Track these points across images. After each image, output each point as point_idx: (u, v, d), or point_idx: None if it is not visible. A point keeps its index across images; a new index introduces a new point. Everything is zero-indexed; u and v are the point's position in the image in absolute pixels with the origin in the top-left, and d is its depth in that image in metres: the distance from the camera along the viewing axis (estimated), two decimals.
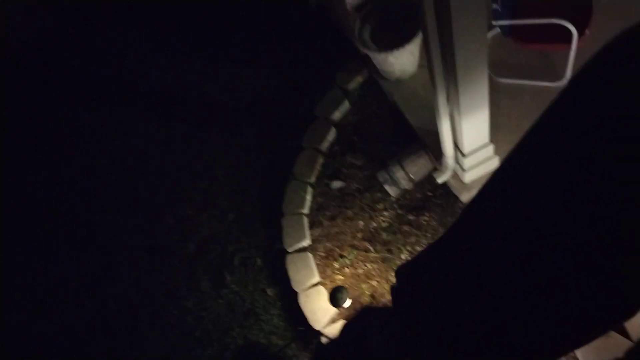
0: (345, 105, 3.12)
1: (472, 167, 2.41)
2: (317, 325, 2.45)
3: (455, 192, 2.55)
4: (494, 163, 2.46)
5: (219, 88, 3.62)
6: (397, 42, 2.70)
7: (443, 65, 1.99)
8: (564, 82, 2.50)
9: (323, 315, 2.47)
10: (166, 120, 3.65)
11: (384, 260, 2.54)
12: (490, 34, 2.67)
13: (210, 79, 3.71)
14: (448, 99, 2.14)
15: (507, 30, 2.48)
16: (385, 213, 2.66)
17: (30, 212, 3.65)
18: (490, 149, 2.38)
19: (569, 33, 2.22)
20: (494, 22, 2.40)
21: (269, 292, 2.71)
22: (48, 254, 3.41)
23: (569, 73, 2.46)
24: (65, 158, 3.80)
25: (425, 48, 1.98)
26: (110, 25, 4.38)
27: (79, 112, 3.96)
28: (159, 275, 2.98)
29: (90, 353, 2.90)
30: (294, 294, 2.58)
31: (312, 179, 2.95)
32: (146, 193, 3.36)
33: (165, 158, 3.45)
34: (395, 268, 2.47)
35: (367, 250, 2.61)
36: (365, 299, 2.48)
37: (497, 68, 2.62)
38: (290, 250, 2.73)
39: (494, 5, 2.31)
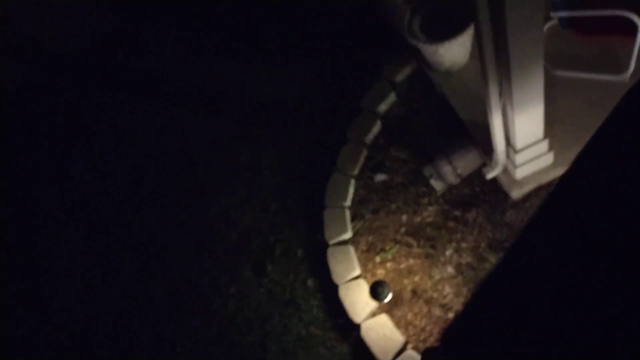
0: (392, 98, 3.07)
1: (525, 163, 2.32)
2: (357, 319, 2.44)
3: (506, 188, 2.46)
4: (549, 159, 2.36)
5: (267, 82, 3.65)
6: (447, 33, 2.63)
7: (496, 57, 1.92)
8: (627, 75, 2.36)
9: (363, 308, 2.45)
10: (213, 117, 3.71)
11: (427, 256, 2.49)
12: (547, 25, 2.55)
13: (257, 73, 3.74)
14: (500, 93, 2.07)
15: (565, 22, 2.36)
16: (430, 208, 2.60)
17: (83, 207, 3.76)
18: (545, 144, 2.28)
19: (632, 25, 2.08)
20: (552, 14, 2.30)
21: (309, 283, 2.72)
22: (102, 244, 3.54)
23: (632, 66, 2.32)
24: (117, 153, 3.91)
25: (477, 39, 1.92)
26: (156, 26, 4.49)
27: (131, 110, 4.08)
28: (203, 263, 3.05)
29: (139, 338, 3.00)
30: (334, 286, 2.58)
31: (355, 172, 2.93)
32: (193, 185, 3.44)
33: (212, 152, 3.52)
34: (438, 264, 2.43)
35: (409, 245, 2.56)
36: (407, 295, 2.44)
37: (554, 60, 2.50)
38: (331, 242, 2.73)
39: None
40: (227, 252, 3.06)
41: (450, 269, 2.42)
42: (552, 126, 2.35)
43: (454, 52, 2.68)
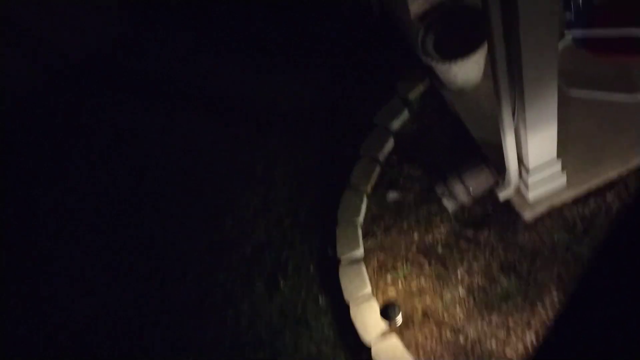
0: (405, 115, 3.07)
1: (537, 184, 2.30)
2: (368, 339, 2.43)
3: (518, 209, 2.43)
4: (562, 180, 2.33)
5: (280, 93, 3.68)
6: (461, 51, 2.63)
7: (509, 77, 1.92)
8: None
9: (374, 329, 2.44)
10: (228, 125, 3.75)
11: (438, 276, 2.48)
12: (561, 45, 2.52)
13: (271, 84, 3.79)
14: (513, 112, 2.06)
15: (580, 41, 2.34)
16: (442, 227, 2.59)
17: (97, 214, 3.79)
18: (558, 165, 2.25)
19: None
20: (566, 32, 2.28)
21: (321, 300, 2.73)
22: (113, 252, 3.59)
23: None
24: (129, 159, 3.95)
25: (491, 58, 1.92)
26: (170, 32, 4.56)
27: (143, 116, 4.13)
28: (217, 276, 3.09)
29: (153, 348, 3.04)
30: (346, 305, 2.58)
31: (368, 189, 2.93)
32: (208, 195, 3.48)
33: (227, 161, 3.56)
34: (449, 284, 2.41)
35: (421, 265, 2.55)
36: (418, 316, 2.42)
37: (568, 79, 2.47)
38: (343, 259, 2.73)
39: (567, 15, 2.19)
40: (241, 265, 3.08)
41: (461, 290, 2.40)
42: (566, 146, 2.33)
43: (467, 70, 2.68)
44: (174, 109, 4.04)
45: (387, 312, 2.38)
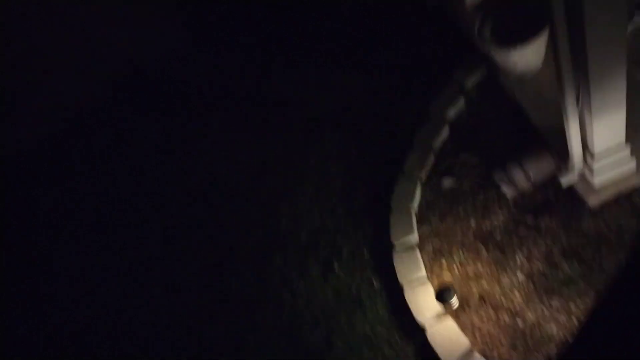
0: (461, 103, 3.07)
1: (603, 170, 2.24)
2: (422, 320, 2.46)
3: (582, 195, 2.38)
4: (631, 165, 2.26)
5: (333, 89, 3.73)
6: (520, 38, 2.60)
7: (573, 62, 1.89)
8: None
9: (428, 311, 2.47)
10: (282, 125, 3.81)
11: (496, 261, 2.47)
12: (630, 26, 2.44)
13: (320, 80, 3.82)
14: (577, 98, 2.02)
15: None
16: (500, 213, 2.58)
17: (159, 213, 3.82)
18: (626, 150, 2.20)
19: None
20: (636, 12, 2.22)
21: (375, 283, 2.78)
22: (178, 247, 3.64)
23: None
24: (188, 160, 4.01)
25: (552, 44, 1.90)
26: (226, 45, 4.52)
27: (199, 125, 4.12)
28: (274, 260, 3.19)
29: (217, 331, 3.12)
30: (400, 288, 2.62)
31: (423, 176, 2.95)
32: (263, 185, 3.58)
33: (281, 156, 3.63)
34: (508, 270, 2.40)
35: (478, 250, 2.55)
36: (474, 300, 2.43)
37: (638, 62, 2.38)
38: (397, 244, 2.77)
39: None
40: (297, 250, 3.18)
41: (520, 276, 2.38)
42: (637, 130, 2.26)
43: (527, 57, 2.65)
44: (228, 117, 4.07)
45: (442, 295, 2.40)
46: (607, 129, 2.11)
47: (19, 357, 3.43)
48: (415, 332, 2.49)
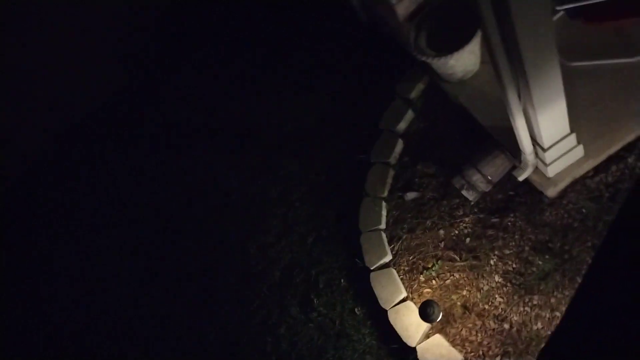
0: (410, 115, 3.08)
1: (555, 160, 2.28)
2: (411, 342, 2.40)
3: (540, 187, 2.41)
4: (579, 152, 2.31)
5: (283, 116, 3.72)
6: (455, 44, 2.64)
7: (509, 60, 1.91)
8: None
9: (416, 331, 2.42)
10: (237, 154, 3.79)
11: (471, 268, 2.45)
12: (554, 18, 2.53)
13: (272, 108, 3.83)
14: (519, 95, 2.05)
15: (573, 12, 2.35)
16: (466, 219, 2.57)
17: (120, 255, 3.84)
18: (573, 138, 2.24)
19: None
20: (557, 7, 2.29)
21: (358, 311, 2.71)
22: (146, 296, 3.61)
23: None
24: (149, 196, 4.01)
25: (487, 45, 1.92)
26: (170, 70, 4.65)
27: (149, 158, 4.20)
28: (251, 304, 3.08)
29: None
30: (383, 312, 2.56)
31: (385, 193, 2.93)
32: (229, 227, 3.50)
33: (242, 191, 3.58)
34: (484, 274, 2.38)
35: (452, 260, 2.53)
36: (458, 311, 2.39)
37: (568, 52, 2.46)
38: (372, 267, 2.72)
39: None
40: (272, 290, 3.08)
41: (497, 278, 2.37)
42: (578, 118, 2.31)
43: (465, 61, 2.69)
44: (180, 147, 4.09)
45: (426, 312, 2.35)
46: (552, 120, 2.15)
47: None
48: (406, 355, 2.42)
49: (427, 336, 2.39)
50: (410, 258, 2.67)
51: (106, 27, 4.49)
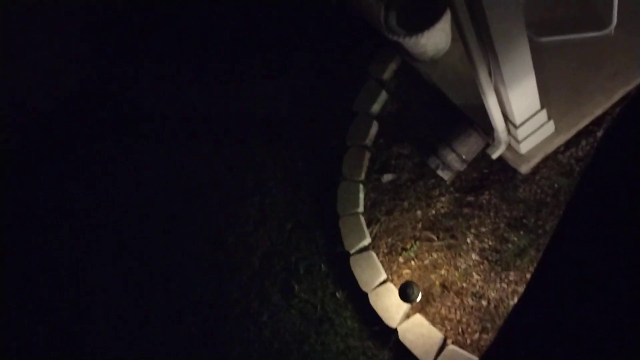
0: (383, 96, 3.06)
1: (527, 136, 2.29)
2: (392, 323, 2.42)
3: (513, 164, 2.43)
4: (550, 128, 2.33)
5: (254, 103, 3.65)
6: (425, 22, 2.61)
7: (478, 37, 1.90)
8: (611, 28, 2.32)
9: (396, 312, 2.44)
10: (209, 147, 3.72)
11: (449, 247, 2.47)
12: None
13: (242, 96, 3.75)
14: (489, 71, 2.05)
15: None
16: (443, 199, 2.58)
17: (97, 257, 3.78)
18: (544, 114, 2.26)
19: None
20: None
21: (339, 295, 2.72)
22: (126, 291, 3.56)
23: (615, 19, 2.28)
24: (118, 194, 3.93)
25: (456, 23, 1.90)
26: (133, 65, 4.51)
27: (122, 156, 4.08)
28: (231, 294, 3.06)
29: None
30: (364, 295, 2.57)
31: (362, 176, 2.92)
32: (204, 218, 3.45)
33: (216, 183, 3.52)
34: (461, 253, 2.41)
35: (430, 240, 2.54)
36: (437, 290, 2.42)
37: (535, 28, 2.47)
38: (352, 251, 2.72)
39: None
40: (252, 279, 3.06)
41: (474, 256, 2.39)
42: (548, 94, 2.33)
43: (435, 39, 2.67)
44: (151, 142, 3.99)
45: (405, 292, 2.37)
46: (522, 97, 2.15)
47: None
48: (388, 336, 2.45)
49: (407, 316, 2.42)
50: (389, 240, 2.68)
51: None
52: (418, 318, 2.37)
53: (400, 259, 2.58)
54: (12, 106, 4.48)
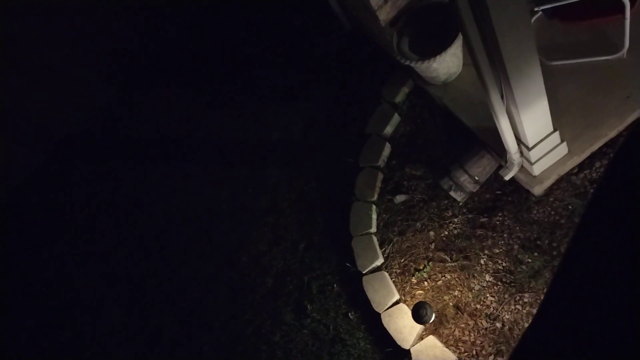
0: (396, 119, 3.11)
1: (540, 158, 2.31)
2: (406, 345, 2.40)
3: (526, 186, 2.44)
4: (563, 150, 2.34)
5: (269, 126, 3.72)
6: (437, 47, 2.67)
7: (490, 62, 1.94)
8: (623, 52, 2.35)
9: (409, 333, 2.42)
10: (225, 168, 3.78)
11: (462, 268, 2.47)
12: (533, 19, 2.58)
13: (257, 119, 3.83)
14: (501, 95, 2.08)
15: (550, 12, 2.39)
16: (455, 220, 2.59)
17: (116, 274, 3.87)
18: (556, 136, 2.27)
19: (618, 3, 2.10)
20: (535, 8, 2.33)
21: (351, 316, 2.71)
22: (132, 312, 3.59)
23: (627, 42, 2.31)
24: (143, 216, 4.01)
25: (468, 48, 1.94)
26: (153, 91, 4.66)
27: (139, 176, 4.19)
28: (243, 314, 3.07)
29: None
30: (377, 315, 2.56)
31: (374, 197, 2.94)
32: (219, 238, 3.49)
33: (231, 203, 3.57)
34: (475, 274, 2.39)
35: (443, 261, 2.54)
36: (450, 311, 2.40)
37: (547, 52, 2.51)
38: (364, 271, 2.72)
39: None
40: (265, 298, 3.07)
41: (488, 277, 2.38)
42: (560, 117, 2.35)
43: (447, 64, 2.72)
44: (168, 164, 4.08)
45: (419, 313, 2.35)
46: (535, 119, 2.17)
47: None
48: (401, 357, 2.43)
49: (420, 338, 2.40)
50: (402, 260, 2.68)
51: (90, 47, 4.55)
52: (431, 340, 2.35)
53: (413, 280, 2.58)
54: (37, 128, 4.65)
